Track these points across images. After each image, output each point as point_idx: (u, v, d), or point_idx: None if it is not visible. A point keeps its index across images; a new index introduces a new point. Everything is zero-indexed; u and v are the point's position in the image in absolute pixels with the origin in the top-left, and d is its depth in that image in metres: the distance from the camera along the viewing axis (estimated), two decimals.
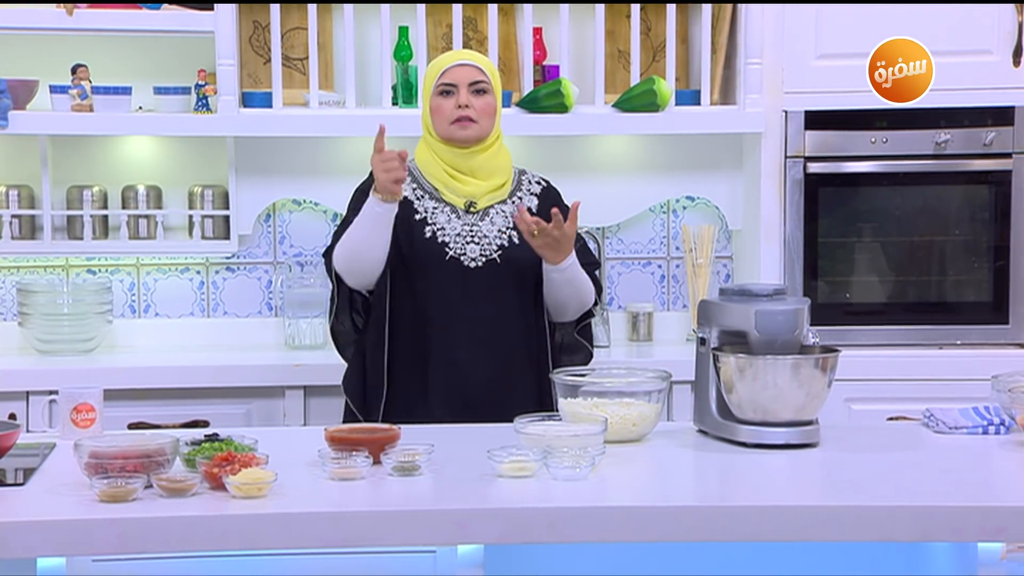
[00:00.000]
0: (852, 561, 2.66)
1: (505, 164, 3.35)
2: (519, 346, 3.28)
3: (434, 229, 3.27)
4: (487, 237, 3.27)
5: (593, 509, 2.42)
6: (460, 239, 3.26)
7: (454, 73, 3.28)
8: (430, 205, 3.29)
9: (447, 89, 3.27)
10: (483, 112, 3.27)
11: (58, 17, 4.03)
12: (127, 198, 4.28)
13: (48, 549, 2.36)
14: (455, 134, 3.27)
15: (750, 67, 4.11)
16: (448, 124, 3.26)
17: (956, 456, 2.78)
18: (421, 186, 3.32)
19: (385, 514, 2.40)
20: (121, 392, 3.74)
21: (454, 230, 3.27)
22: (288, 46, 4.25)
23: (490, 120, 3.29)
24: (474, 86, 3.27)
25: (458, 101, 3.25)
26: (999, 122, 4.06)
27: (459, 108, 3.25)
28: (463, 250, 3.25)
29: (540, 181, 3.41)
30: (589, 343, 3.41)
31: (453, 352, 3.23)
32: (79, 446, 2.51)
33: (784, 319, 2.82)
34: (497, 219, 3.29)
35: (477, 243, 3.26)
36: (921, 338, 4.11)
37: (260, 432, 2.79)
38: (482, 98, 3.28)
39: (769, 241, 4.12)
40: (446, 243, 3.25)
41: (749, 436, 2.82)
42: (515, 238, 3.27)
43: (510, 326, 3.27)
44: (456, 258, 3.25)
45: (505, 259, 3.26)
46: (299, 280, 4.30)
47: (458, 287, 3.24)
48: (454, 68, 3.29)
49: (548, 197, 3.37)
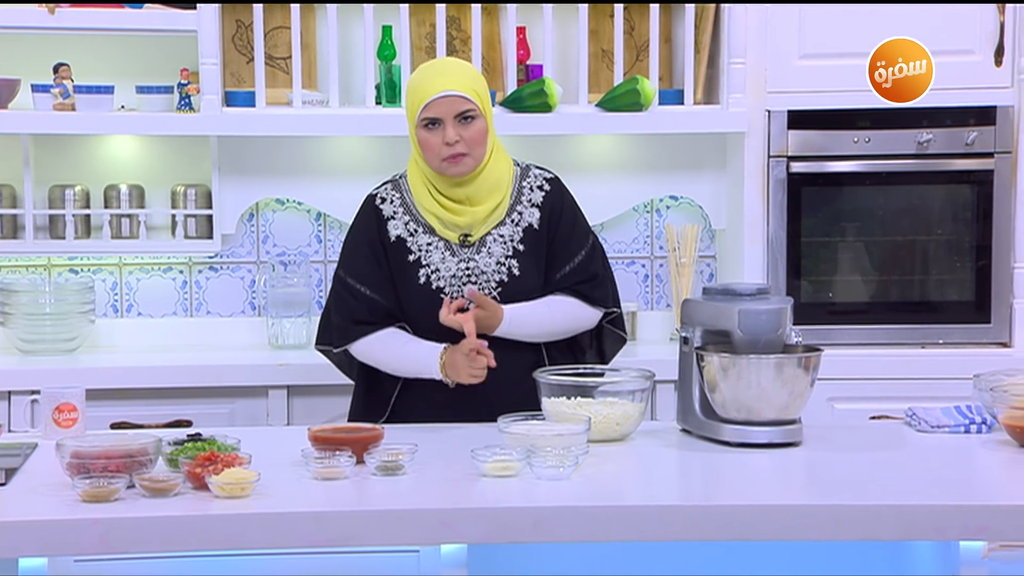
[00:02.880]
0: (835, 560, 2.67)
1: (501, 181, 3.16)
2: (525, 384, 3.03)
3: (428, 273, 3.13)
4: (485, 273, 3.13)
5: (577, 508, 2.42)
6: (456, 281, 3.12)
7: (438, 107, 3.05)
8: (423, 241, 3.14)
9: (432, 122, 3.07)
10: (474, 142, 3.07)
11: (40, 16, 4.02)
12: (109, 197, 4.27)
13: (30, 549, 2.35)
14: (447, 171, 3.09)
15: (733, 67, 4.11)
16: (439, 161, 3.08)
17: (938, 455, 2.79)
18: (415, 218, 3.16)
19: (368, 514, 2.39)
20: (103, 392, 3.73)
21: (448, 271, 3.12)
22: (271, 45, 4.25)
23: (482, 147, 3.09)
24: (461, 115, 3.06)
25: (445, 138, 3.05)
26: (981, 122, 4.07)
27: (448, 145, 3.05)
28: (459, 293, 3.11)
29: (543, 185, 3.21)
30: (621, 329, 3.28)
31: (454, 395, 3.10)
32: (61, 446, 2.50)
33: (767, 318, 2.83)
34: (495, 249, 3.13)
35: (474, 282, 3.13)
36: (904, 337, 4.12)
37: (243, 432, 2.78)
38: (471, 126, 3.07)
39: (752, 241, 4.13)
40: (441, 288, 3.13)
41: (732, 435, 2.82)
42: (515, 269, 3.13)
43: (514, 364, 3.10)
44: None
45: (505, 295, 3.13)
46: (282, 280, 4.30)
47: (457, 332, 3.07)
48: (437, 101, 3.05)
49: (549, 204, 3.19)
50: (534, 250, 3.17)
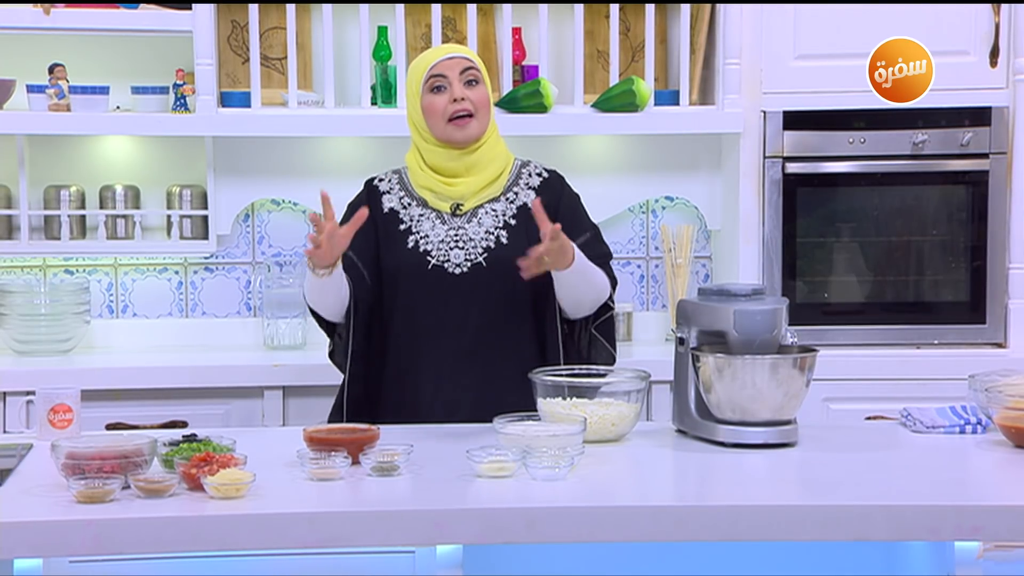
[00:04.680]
0: (830, 560, 2.67)
1: (499, 156, 3.21)
2: (509, 352, 3.15)
3: (417, 238, 3.18)
4: (472, 240, 3.16)
5: (572, 509, 2.42)
6: (443, 245, 3.16)
7: (443, 66, 3.15)
8: (416, 213, 3.20)
9: (439, 84, 3.14)
10: (480, 103, 3.14)
11: (35, 16, 4.02)
12: (105, 198, 4.26)
13: (25, 550, 2.35)
14: (453, 135, 3.14)
15: (729, 67, 4.11)
16: (445, 123, 3.13)
17: (933, 456, 2.79)
18: (409, 193, 3.22)
19: (364, 514, 2.39)
20: (99, 393, 3.73)
21: (438, 237, 3.17)
22: (267, 46, 4.25)
23: (486, 112, 3.16)
24: (465, 74, 3.14)
25: (452, 95, 3.12)
26: (976, 122, 4.07)
27: (455, 102, 3.12)
28: (446, 256, 3.15)
29: (542, 173, 3.26)
30: (610, 343, 3.26)
31: (440, 362, 3.15)
32: (56, 447, 2.50)
33: (763, 319, 2.83)
34: (486, 220, 3.17)
35: (461, 248, 3.16)
36: (899, 338, 4.12)
37: (238, 433, 2.78)
38: (476, 89, 3.15)
39: (748, 241, 4.13)
40: (428, 251, 3.16)
41: (728, 436, 2.82)
42: (503, 238, 3.16)
43: (499, 331, 3.16)
44: (439, 266, 3.16)
45: (492, 261, 3.15)
46: (278, 280, 4.29)
47: (442, 295, 3.15)
48: (443, 62, 3.16)
49: (546, 189, 3.22)
50: (526, 228, 3.16)
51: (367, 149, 4.31)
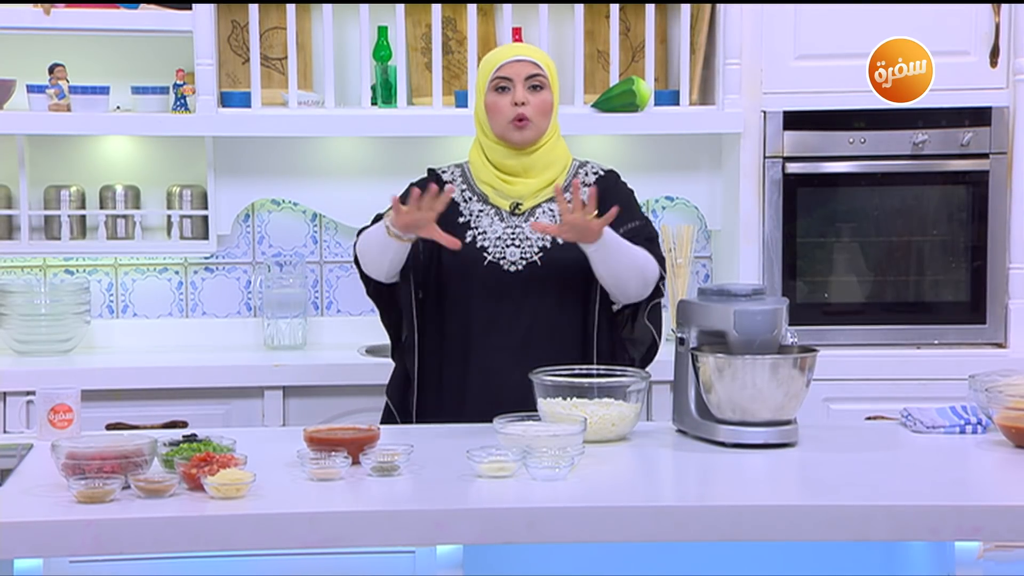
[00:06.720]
0: (830, 560, 2.67)
1: (558, 159, 3.26)
2: (560, 350, 3.16)
3: (475, 234, 3.20)
4: (529, 239, 3.19)
5: (572, 509, 2.42)
6: (500, 242, 3.19)
7: (510, 68, 3.20)
8: (476, 208, 3.23)
9: (503, 85, 3.19)
10: (539, 110, 3.18)
11: (35, 16, 4.02)
12: (105, 198, 4.26)
13: (25, 550, 2.35)
14: (511, 136, 3.19)
15: (729, 67, 4.11)
16: (505, 123, 3.18)
17: (933, 456, 2.79)
18: (471, 187, 3.26)
19: (364, 514, 2.39)
20: (99, 393, 3.73)
21: (495, 233, 3.20)
22: (267, 46, 4.25)
23: (546, 119, 3.21)
24: (530, 80, 3.19)
25: (514, 98, 3.18)
26: (976, 123, 4.07)
27: (515, 106, 3.17)
28: (502, 254, 3.18)
29: (599, 172, 3.30)
30: (657, 330, 3.27)
31: (490, 358, 3.17)
32: (56, 447, 2.50)
33: (763, 319, 2.83)
34: (543, 219, 3.19)
35: (518, 246, 3.19)
36: (899, 338, 4.12)
37: (239, 433, 2.78)
38: (538, 95, 3.19)
39: (748, 241, 4.13)
40: (485, 247, 3.19)
41: (728, 436, 2.82)
42: (559, 239, 3.16)
43: (551, 330, 3.18)
44: (495, 262, 3.18)
45: (547, 260, 3.18)
46: (278, 280, 4.29)
47: (496, 292, 3.17)
48: (510, 64, 3.21)
49: (603, 184, 3.24)
50: None
51: (367, 149, 4.32)
